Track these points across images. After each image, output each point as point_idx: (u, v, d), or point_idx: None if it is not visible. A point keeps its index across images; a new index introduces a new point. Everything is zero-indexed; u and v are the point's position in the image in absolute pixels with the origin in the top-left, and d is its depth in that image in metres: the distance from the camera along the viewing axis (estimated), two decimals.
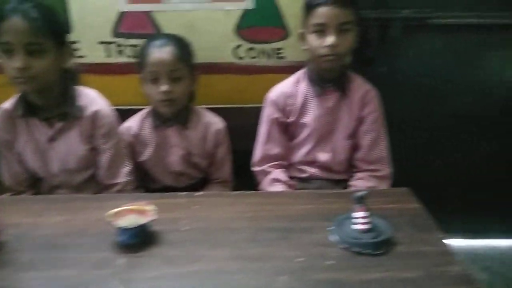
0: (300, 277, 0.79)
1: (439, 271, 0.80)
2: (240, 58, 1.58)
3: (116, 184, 1.28)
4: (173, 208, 1.02)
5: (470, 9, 1.61)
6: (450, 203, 1.93)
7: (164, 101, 1.25)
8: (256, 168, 1.44)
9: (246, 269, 0.81)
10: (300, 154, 1.43)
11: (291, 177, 1.46)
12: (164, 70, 1.23)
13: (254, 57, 1.58)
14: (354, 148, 1.43)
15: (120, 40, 1.54)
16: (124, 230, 0.87)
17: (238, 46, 1.56)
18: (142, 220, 0.88)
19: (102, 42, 1.54)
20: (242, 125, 1.49)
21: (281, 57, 1.58)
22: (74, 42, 1.53)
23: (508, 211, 1.96)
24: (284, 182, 1.39)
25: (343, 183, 1.45)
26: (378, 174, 1.39)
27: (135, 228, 0.87)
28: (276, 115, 1.40)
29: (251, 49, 1.57)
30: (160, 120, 1.33)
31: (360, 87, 1.40)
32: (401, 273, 0.79)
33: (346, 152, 1.42)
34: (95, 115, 1.23)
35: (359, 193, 0.87)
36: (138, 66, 1.29)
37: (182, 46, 1.27)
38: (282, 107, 1.40)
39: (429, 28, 1.64)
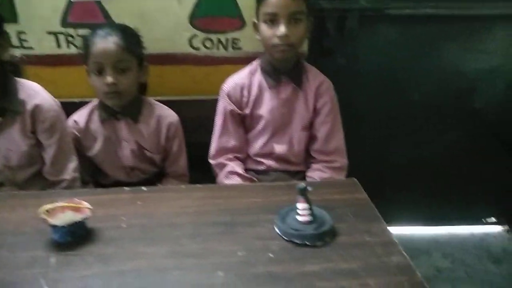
0: (238, 272, 0.77)
1: (380, 261, 0.79)
2: (196, 48, 1.54)
3: (63, 180, 1.23)
4: (116, 204, 0.99)
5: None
6: (412, 192, 1.96)
7: (109, 94, 1.20)
8: (212, 161, 1.41)
9: (183, 266, 0.78)
10: (256, 146, 1.41)
11: (248, 170, 1.44)
12: (109, 61, 1.18)
13: (210, 48, 1.54)
14: (311, 139, 1.42)
15: (70, 30, 1.47)
16: (57, 227, 0.83)
17: (193, 36, 1.52)
18: (76, 217, 0.84)
19: (50, 33, 1.47)
20: (199, 117, 1.47)
21: (238, 48, 1.55)
22: (21, 33, 1.46)
23: (468, 198, 2.00)
24: (240, 175, 1.36)
25: (300, 174, 1.44)
26: (334, 165, 1.38)
27: (69, 225, 0.83)
28: (231, 107, 1.37)
29: (207, 39, 1.53)
30: (108, 113, 1.28)
31: (315, 78, 1.38)
32: (341, 264, 0.78)
33: (302, 144, 1.41)
34: (36, 109, 1.17)
35: (301, 185, 0.85)
36: (83, 57, 1.23)
37: (128, 36, 1.22)
38: (237, 99, 1.37)
39: (386, 18, 1.63)
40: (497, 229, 2.09)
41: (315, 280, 0.74)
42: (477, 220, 2.10)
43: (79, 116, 1.31)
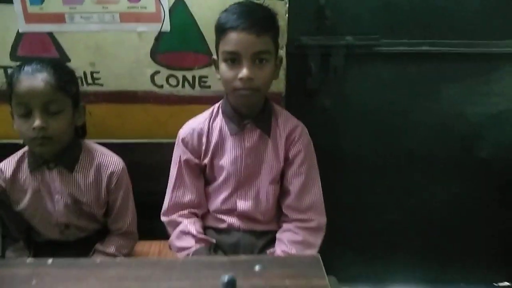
0: None
1: None
2: (159, 86, 1.36)
3: None
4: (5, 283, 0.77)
5: (422, 36, 1.42)
6: (410, 250, 1.71)
7: (37, 140, 1.00)
8: (164, 218, 1.20)
9: None
10: (217, 201, 1.19)
11: (208, 228, 1.22)
12: (37, 102, 0.99)
13: (175, 86, 1.36)
14: (282, 193, 1.20)
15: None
16: None
17: (156, 73, 1.34)
18: None
19: None
20: (162, 162, 1.26)
21: (207, 86, 1.36)
22: None
23: (475, 259, 1.73)
24: (194, 236, 1.14)
25: (269, 235, 1.21)
26: (309, 225, 1.15)
27: None
28: (186, 156, 1.17)
29: (171, 76, 1.35)
30: (38, 162, 1.09)
31: (286, 122, 1.18)
32: None
33: (271, 199, 1.18)
34: None
35: (226, 277, 0.63)
36: (6, 96, 1.05)
37: (60, 72, 1.04)
38: (194, 147, 1.17)
39: (376, 56, 1.44)
40: None
41: None
42: (486, 283, 1.81)
43: (7, 164, 1.11)
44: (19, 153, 1.13)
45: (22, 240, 1.16)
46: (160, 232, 1.26)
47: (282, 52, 1.28)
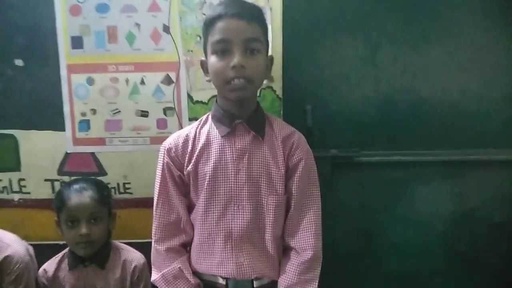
0: None
1: None
2: None
3: None
4: None
5: (393, 147, 1.63)
6: None
7: (82, 244, 1.20)
8: (159, 247, 1.05)
9: None
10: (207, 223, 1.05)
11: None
12: (84, 214, 1.20)
13: None
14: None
15: (65, 178, 1.52)
16: None
17: None
18: None
19: (47, 180, 1.52)
20: None
21: None
22: (21, 180, 1.52)
23: None
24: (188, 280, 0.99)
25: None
26: (301, 257, 1.03)
27: None
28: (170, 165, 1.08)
29: None
30: (77, 261, 1.26)
31: (282, 128, 1.08)
32: None
33: (272, 214, 1.04)
34: (5, 261, 1.17)
35: None
36: (56, 209, 1.25)
37: (101, 189, 1.27)
38: (178, 155, 1.08)
39: (357, 164, 1.63)
40: None
41: None
42: None
43: (49, 264, 1.28)
44: (60, 255, 1.30)
45: None
46: None
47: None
